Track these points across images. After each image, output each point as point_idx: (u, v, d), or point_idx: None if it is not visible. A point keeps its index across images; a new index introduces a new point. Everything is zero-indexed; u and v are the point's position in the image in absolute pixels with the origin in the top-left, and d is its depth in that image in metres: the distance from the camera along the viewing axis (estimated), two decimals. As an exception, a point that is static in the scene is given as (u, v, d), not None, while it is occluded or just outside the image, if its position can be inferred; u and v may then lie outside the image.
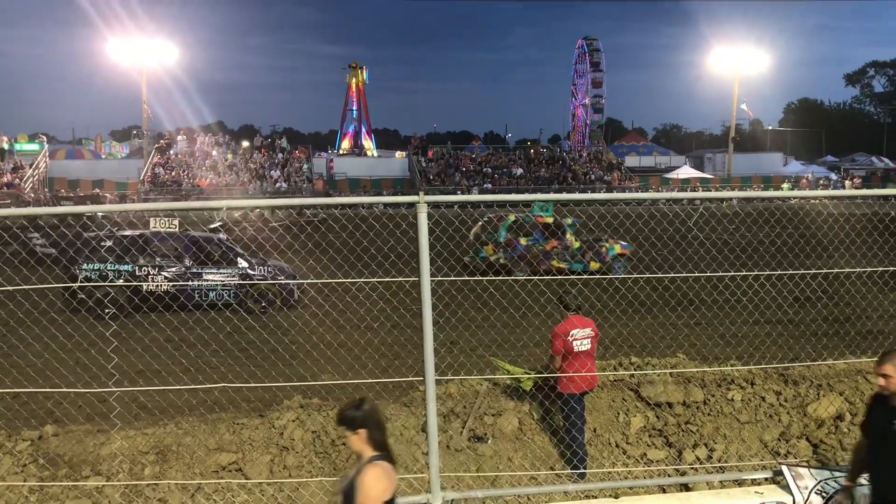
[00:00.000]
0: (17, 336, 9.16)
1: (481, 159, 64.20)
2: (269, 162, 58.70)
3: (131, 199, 50.35)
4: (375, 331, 12.05)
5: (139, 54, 56.89)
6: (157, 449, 6.57)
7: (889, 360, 4.63)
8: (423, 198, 4.64)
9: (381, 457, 3.94)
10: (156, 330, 11.25)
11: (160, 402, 8.16)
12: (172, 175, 55.48)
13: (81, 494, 6.05)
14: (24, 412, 7.35)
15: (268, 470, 6.46)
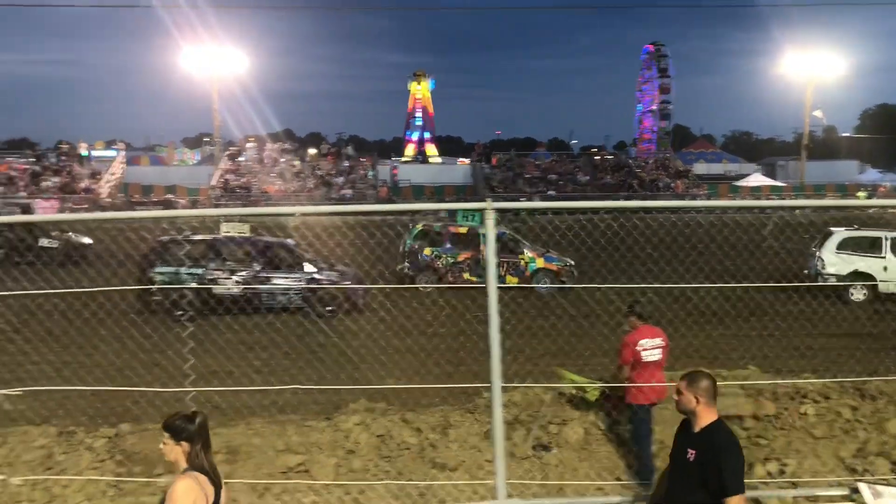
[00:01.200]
0: (98, 336, 9.50)
1: (545, 166, 63.85)
2: (334, 169, 59.52)
3: (202, 204, 51.63)
4: (440, 337, 12.08)
5: (211, 64, 58.41)
6: (228, 448, 6.72)
7: (687, 378, 4.40)
8: (491, 204, 4.64)
9: (198, 470, 3.78)
10: (227, 332, 11.51)
11: (231, 402, 8.34)
12: (242, 181, 56.73)
13: (155, 491, 6.22)
14: (103, 410, 7.60)
15: (334, 472, 6.54)
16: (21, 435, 6.88)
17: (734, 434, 4.48)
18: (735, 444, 4.31)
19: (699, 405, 4.28)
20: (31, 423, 7.14)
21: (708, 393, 4.30)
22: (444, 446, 6.92)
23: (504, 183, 59.43)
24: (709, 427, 4.30)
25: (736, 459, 4.22)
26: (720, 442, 4.25)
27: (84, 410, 7.74)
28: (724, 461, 4.14)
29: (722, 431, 4.33)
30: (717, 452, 4.19)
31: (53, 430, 6.96)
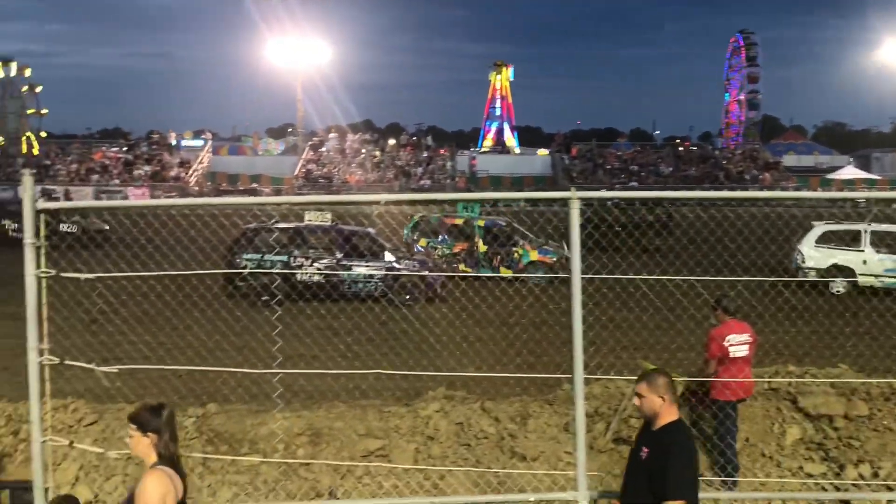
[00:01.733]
0: (191, 318, 9.83)
1: (627, 157, 62.80)
2: (414, 159, 59.98)
3: (286, 193, 52.82)
4: (518, 328, 12.05)
5: (295, 55, 59.63)
6: (311, 431, 6.86)
7: (646, 380, 4.18)
8: (576, 193, 4.58)
9: (165, 463, 3.75)
10: (311, 318, 11.74)
11: (317, 386, 8.53)
12: (324, 171, 57.78)
13: (241, 470, 6.41)
14: (194, 389, 7.87)
15: (413, 458, 6.61)
16: (116, 412, 7.18)
17: (691, 437, 4.28)
18: (687, 447, 4.09)
19: (664, 403, 4.12)
20: (126, 400, 7.44)
21: (670, 390, 4.16)
22: (523, 436, 6.90)
23: (584, 174, 58.76)
24: (667, 426, 4.12)
25: (684, 463, 3.99)
26: (672, 442, 4.05)
27: (175, 390, 8.03)
28: (671, 462, 3.94)
29: (678, 432, 4.13)
30: (667, 453, 3.99)
31: (146, 408, 7.23)
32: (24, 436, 7.07)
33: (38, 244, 4.42)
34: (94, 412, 7.11)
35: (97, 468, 6.36)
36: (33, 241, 4.38)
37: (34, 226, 4.39)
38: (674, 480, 3.89)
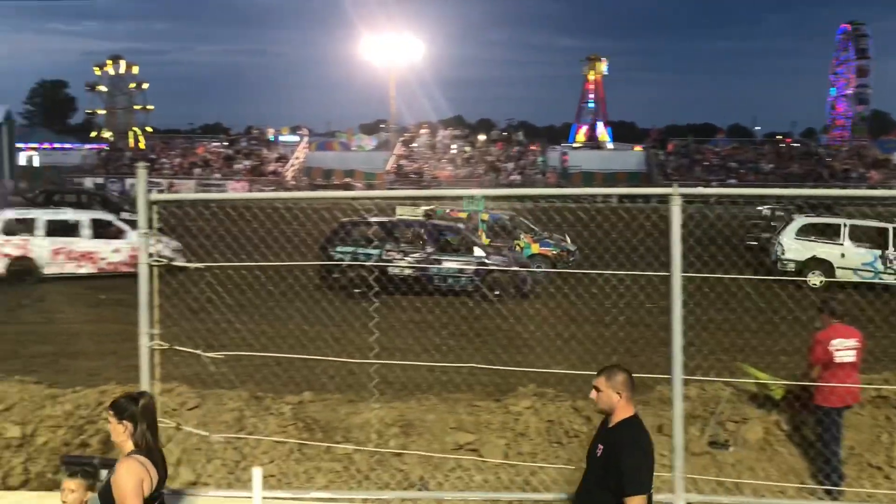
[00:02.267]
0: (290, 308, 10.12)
1: (725, 153, 60.91)
2: (504, 155, 59.88)
3: (378, 188, 53.63)
4: (612, 326, 11.88)
5: (389, 52, 60.44)
6: (402, 422, 6.95)
7: (605, 374, 4.14)
8: (678, 190, 4.48)
9: (140, 452, 3.76)
10: (402, 311, 11.89)
11: (408, 377, 8.63)
12: (415, 166, 58.37)
13: (334, 458, 6.55)
14: (295, 377, 8.09)
15: (503, 454, 6.61)
16: (216, 397, 7.44)
17: (646, 432, 4.20)
18: (641, 442, 4.06)
19: (621, 400, 4.09)
20: (227, 386, 7.72)
21: (627, 387, 4.12)
22: (616, 436, 6.80)
23: (680, 170, 57.31)
24: (622, 422, 4.10)
25: (638, 457, 3.96)
26: (626, 438, 4.02)
27: (274, 377, 8.28)
28: (624, 457, 3.93)
29: (633, 427, 4.09)
30: (621, 448, 3.97)
31: (245, 395, 7.47)
32: (132, 417, 7.44)
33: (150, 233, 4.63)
34: (196, 396, 7.39)
35: (199, 451, 6.59)
36: (146, 231, 4.59)
37: (147, 216, 4.59)
38: (630, 476, 3.88)
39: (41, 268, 18.64)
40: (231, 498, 5.52)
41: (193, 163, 59.79)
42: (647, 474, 3.99)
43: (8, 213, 19.46)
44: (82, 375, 10.59)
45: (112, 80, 70.21)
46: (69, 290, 17.95)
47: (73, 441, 7.11)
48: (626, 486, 3.87)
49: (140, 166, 4.59)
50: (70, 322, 14.46)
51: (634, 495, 3.87)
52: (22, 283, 18.23)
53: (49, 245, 18.62)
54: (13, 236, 18.62)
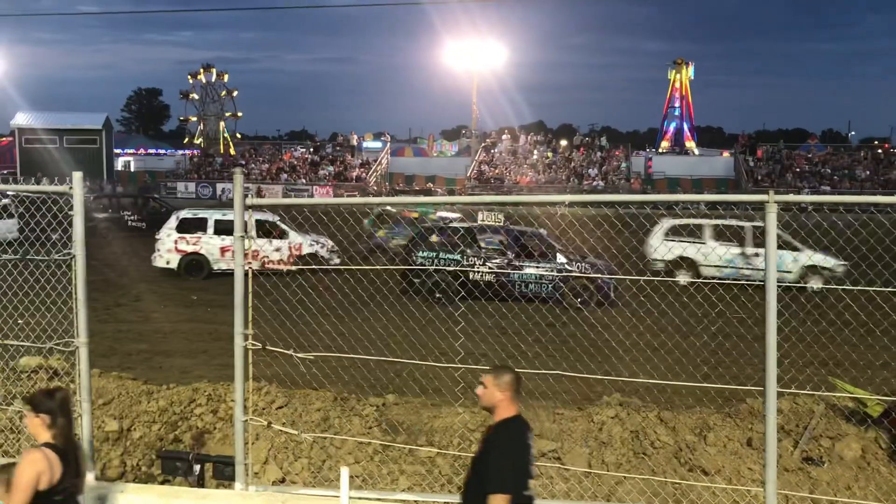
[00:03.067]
0: (370, 311, 10.28)
1: (818, 159, 58.69)
2: (587, 160, 59.25)
3: (459, 193, 53.87)
4: (694, 336, 11.58)
5: (471, 58, 60.65)
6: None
7: (493, 373, 4.23)
8: (773, 197, 4.34)
9: (52, 446, 3.82)
10: (482, 316, 11.89)
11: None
12: (496, 172, 58.36)
13: (416, 461, 6.60)
14: (381, 380, 8.20)
15: (586, 463, 6.53)
16: (303, 397, 7.62)
17: (523, 434, 4.17)
18: (511, 441, 4.07)
19: (503, 399, 4.14)
20: (313, 386, 7.88)
21: (511, 388, 4.16)
22: (702, 449, 6.64)
23: (770, 176, 55.55)
24: (501, 422, 4.15)
25: (505, 456, 3.98)
26: (499, 437, 4.09)
27: (357, 379, 8.42)
28: (493, 455, 3.99)
29: (508, 428, 4.13)
30: (493, 447, 4.04)
31: (330, 395, 7.62)
32: (223, 414, 7.66)
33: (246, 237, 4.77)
34: (283, 396, 7.58)
35: (286, 449, 6.74)
36: (241, 234, 4.73)
37: (242, 220, 4.74)
38: (494, 473, 3.91)
39: (211, 263, 20.14)
40: (318, 497, 5.62)
41: (280, 168, 61.35)
42: (513, 475, 3.96)
43: (182, 213, 21.11)
44: (175, 373, 11.01)
45: (204, 88, 72.69)
46: (164, 290, 18.68)
47: (167, 436, 7.39)
48: (489, 483, 3.90)
49: (236, 172, 4.74)
50: (164, 321, 15.03)
51: (495, 493, 3.87)
52: (193, 276, 19.83)
53: (218, 243, 19.92)
54: (187, 234, 20.14)
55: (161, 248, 20.08)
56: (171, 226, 20.36)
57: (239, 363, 5.01)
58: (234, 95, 73.74)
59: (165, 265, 20.05)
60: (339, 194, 51.93)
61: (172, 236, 20.17)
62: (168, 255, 20.09)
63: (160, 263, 20.04)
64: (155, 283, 19.42)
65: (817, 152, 60.63)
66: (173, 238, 20.14)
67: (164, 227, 20.34)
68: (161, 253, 20.09)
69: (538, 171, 57.68)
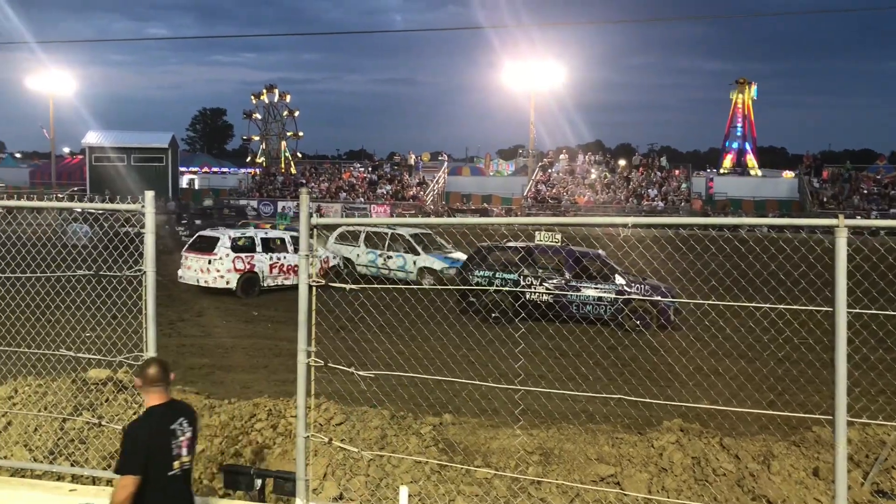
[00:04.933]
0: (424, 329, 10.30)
1: (887, 181, 56.84)
2: (646, 180, 58.55)
3: (515, 213, 53.78)
4: (758, 361, 11.33)
5: (529, 77, 60.65)
6: (541, 450, 6.90)
7: (142, 364, 4.71)
8: (843, 221, 4.23)
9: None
10: (537, 337, 11.83)
11: (544, 406, 8.57)
12: (553, 192, 58.09)
13: (473, 482, 6.57)
14: (440, 399, 8.21)
15: (646, 488, 6.42)
16: (360, 414, 7.67)
17: (147, 420, 4.56)
18: (134, 427, 4.51)
19: (141, 389, 4.61)
20: (370, 403, 7.93)
21: (145, 379, 4.56)
22: (766, 478, 6.46)
23: (836, 198, 54.02)
24: (146, 410, 4.61)
25: (127, 441, 4.42)
26: (132, 422, 4.68)
27: (421, 396, 8.44)
28: (122, 440, 4.50)
29: (144, 416, 4.60)
30: (124, 433, 4.53)
31: (387, 413, 7.65)
32: (282, 430, 7.76)
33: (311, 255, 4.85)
34: (342, 413, 7.64)
35: (343, 466, 6.79)
36: (307, 253, 4.81)
37: (308, 239, 4.82)
38: (120, 456, 4.42)
39: (262, 280, 21.01)
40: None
41: (339, 187, 62.15)
42: (135, 458, 4.33)
43: (233, 233, 21.83)
44: (236, 387, 11.21)
45: (266, 108, 74.21)
46: (225, 305, 19.07)
47: (228, 450, 7.51)
48: (115, 464, 4.49)
49: (303, 191, 4.83)
50: (225, 336, 15.33)
51: (117, 473, 4.37)
52: (248, 294, 20.54)
53: (267, 260, 21.13)
54: (242, 253, 20.88)
55: (221, 267, 20.41)
56: (226, 245, 20.71)
57: (302, 380, 5.07)
58: (295, 115, 75.05)
59: (225, 285, 20.41)
60: (396, 213, 52.34)
61: (231, 255, 20.57)
62: (228, 274, 20.48)
63: (219, 284, 20.35)
64: (216, 298, 19.83)
65: (886, 174, 58.71)
66: (231, 257, 20.56)
67: (218, 247, 20.64)
68: (221, 273, 20.42)
69: (596, 191, 57.19)
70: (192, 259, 20.76)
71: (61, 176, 68.94)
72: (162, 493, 4.41)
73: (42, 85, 66.90)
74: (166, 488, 4.43)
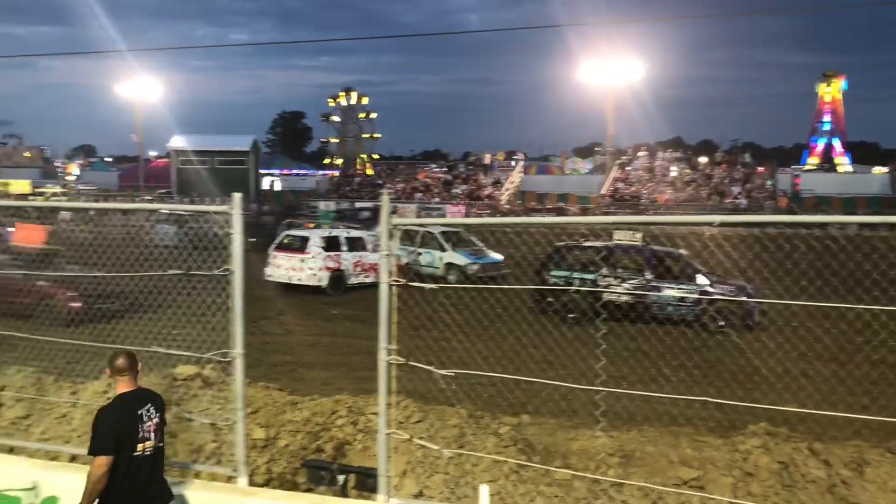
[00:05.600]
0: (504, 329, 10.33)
1: None
2: (728, 178, 57.04)
3: (593, 212, 53.16)
4: (850, 364, 10.87)
5: (607, 74, 59.85)
6: (621, 452, 6.80)
7: (108, 359, 5.11)
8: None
9: None
10: (617, 338, 11.66)
11: (622, 407, 8.45)
12: (631, 190, 57.20)
13: (553, 482, 6.53)
14: (512, 399, 8.20)
15: (731, 493, 6.26)
16: (438, 413, 7.71)
17: (116, 405, 4.99)
18: (104, 412, 4.91)
19: (111, 377, 5.15)
20: (448, 403, 7.96)
21: (114, 369, 5.03)
22: (859, 485, 6.22)
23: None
24: (115, 396, 5.08)
25: (99, 425, 4.78)
26: (102, 408, 5.06)
27: (489, 397, 8.44)
28: (94, 424, 4.81)
29: (113, 401, 5.05)
30: (96, 417, 4.88)
31: (465, 412, 7.67)
32: (362, 426, 7.87)
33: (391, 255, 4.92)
34: (420, 411, 7.70)
35: (422, 464, 6.84)
36: (387, 252, 4.88)
37: (388, 239, 4.89)
38: (91, 439, 4.75)
39: (347, 278, 21.66)
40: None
41: (415, 188, 62.73)
42: (108, 440, 4.70)
43: (322, 232, 22.70)
44: (317, 384, 11.43)
45: (344, 111, 75.43)
46: (306, 304, 19.50)
47: (310, 446, 7.66)
48: (91, 446, 4.73)
49: (384, 192, 4.92)
50: (306, 334, 15.68)
51: (91, 455, 4.72)
52: (336, 291, 21.25)
53: (352, 258, 21.82)
54: (332, 252, 21.63)
55: (314, 265, 21.07)
56: (317, 244, 21.43)
57: (383, 377, 5.14)
58: (372, 117, 76.09)
59: (318, 282, 21.05)
60: (471, 213, 52.43)
61: (322, 254, 21.27)
62: (320, 272, 21.16)
63: (312, 281, 21.04)
64: (297, 297, 20.27)
65: None
66: (322, 256, 21.24)
67: (310, 246, 21.33)
68: (314, 271, 21.09)
69: (677, 189, 56.05)
70: (282, 258, 21.34)
71: (149, 179, 71.78)
72: (129, 472, 4.84)
73: (130, 92, 69.79)
74: (132, 468, 4.86)
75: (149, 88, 69.82)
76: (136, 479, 4.88)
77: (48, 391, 8.22)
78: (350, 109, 75.39)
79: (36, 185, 71.75)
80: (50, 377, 8.40)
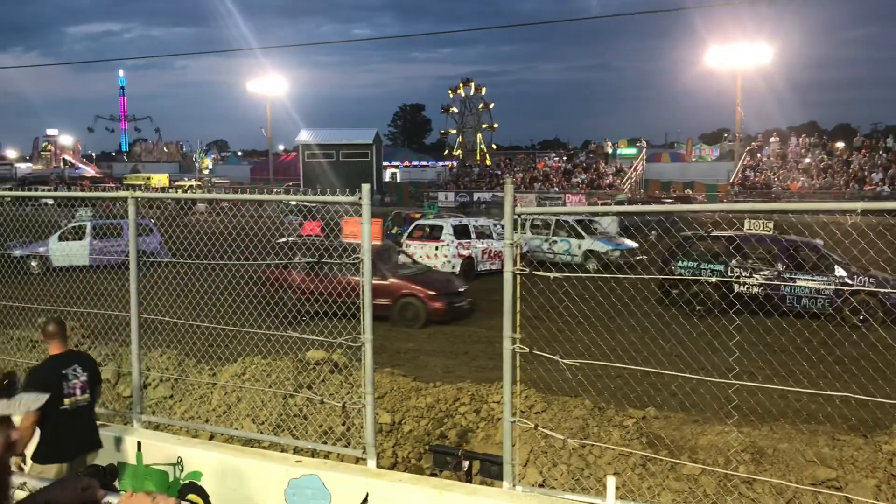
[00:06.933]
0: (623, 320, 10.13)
1: None
2: (868, 164, 53.60)
3: (720, 200, 51.23)
4: None
5: (734, 58, 57.41)
6: (753, 449, 6.57)
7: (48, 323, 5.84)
8: None
9: None
10: (750, 331, 11.22)
11: (754, 403, 8.16)
12: (762, 177, 54.76)
13: (679, 478, 6.38)
14: (639, 391, 8.06)
15: (873, 495, 5.93)
16: (562, 403, 7.69)
17: (45, 365, 5.76)
18: (34, 370, 5.81)
19: (44, 342, 5.90)
20: (569, 394, 7.92)
21: (45, 334, 5.75)
22: None
23: None
24: (47, 358, 5.79)
25: (28, 381, 5.45)
26: (36, 368, 5.86)
27: (624, 389, 8.33)
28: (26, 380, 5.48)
29: (52, 360, 5.72)
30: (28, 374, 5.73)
31: (588, 404, 7.61)
32: (485, 414, 7.96)
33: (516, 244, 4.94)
34: (543, 401, 7.71)
35: (545, 454, 6.84)
36: (512, 241, 4.91)
37: (512, 228, 4.91)
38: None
39: (477, 266, 22.58)
40: (583, 503, 5.65)
41: (534, 177, 62.41)
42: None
43: (453, 220, 23.67)
44: (438, 372, 11.63)
45: (463, 102, 75.86)
46: (428, 293, 19.80)
47: (434, 431, 7.82)
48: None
49: (508, 182, 4.94)
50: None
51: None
52: (467, 277, 21.66)
53: (480, 246, 22.69)
54: (462, 239, 22.55)
55: (448, 253, 22.00)
56: (450, 232, 22.32)
57: (507, 366, 5.18)
58: (490, 107, 76.13)
59: (451, 269, 21.73)
60: (591, 202, 51.65)
61: (455, 242, 22.15)
62: (454, 259, 22.06)
63: (446, 268, 21.75)
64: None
65: None
66: (455, 244, 22.12)
67: (444, 234, 22.34)
68: (448, 258, 21.97)
69: (811, 176, 53.18)
70: (415, 245, 22.32)
71: (277, 171, 74.80)
72: (57, 423, 5.45)
73: (260, 88, 72.77)
74: (60, 420, 5.48)
75: (277, 85, 72.64)
76: (65, 430, 5.55)
77: (189, 373, 8.76)
78: (469, 100, 75.68)
79: (174, 178, 76.18)
80: (191, 360, 8.95)
